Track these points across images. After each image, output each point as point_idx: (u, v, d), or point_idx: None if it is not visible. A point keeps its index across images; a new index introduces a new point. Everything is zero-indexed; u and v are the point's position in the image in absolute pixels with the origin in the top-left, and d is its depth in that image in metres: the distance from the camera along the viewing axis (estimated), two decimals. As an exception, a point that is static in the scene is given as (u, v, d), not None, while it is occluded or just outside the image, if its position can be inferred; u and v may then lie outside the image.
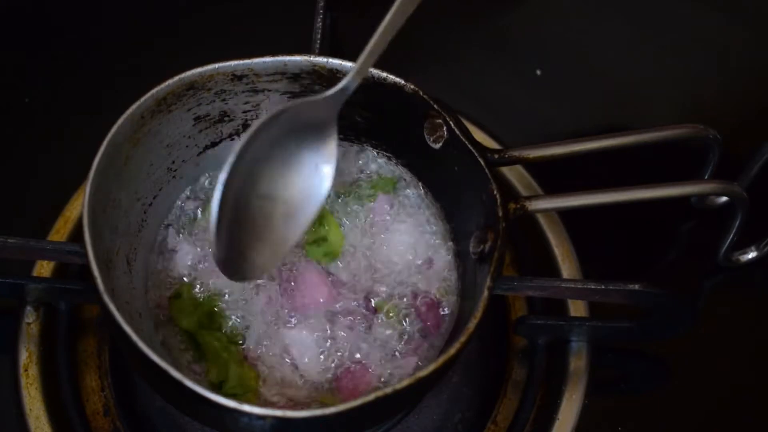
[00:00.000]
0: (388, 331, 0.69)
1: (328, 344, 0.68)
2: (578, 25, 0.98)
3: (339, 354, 0.67)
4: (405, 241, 0.73)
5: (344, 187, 0.74)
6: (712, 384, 0.77)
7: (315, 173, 0.66)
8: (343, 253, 0.72)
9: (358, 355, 0.68)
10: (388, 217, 0.74)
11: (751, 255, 0.81)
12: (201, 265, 0.70)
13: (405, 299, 0.70)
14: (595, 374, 0.75)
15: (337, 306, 0.69)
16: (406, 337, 0.69)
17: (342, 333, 0.68)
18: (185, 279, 0.70)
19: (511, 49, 0.97)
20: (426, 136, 0.69)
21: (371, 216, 0.73)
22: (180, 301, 0.69)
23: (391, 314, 0.69)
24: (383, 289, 0.70)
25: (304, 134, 0.65)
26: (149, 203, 0.70)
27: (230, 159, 0.59)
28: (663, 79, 0.94)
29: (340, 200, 0.74)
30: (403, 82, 0.68)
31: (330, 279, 0.70)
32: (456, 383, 0.75)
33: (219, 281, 0.69)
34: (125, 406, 0.73)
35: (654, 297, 0.65)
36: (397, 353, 0.68)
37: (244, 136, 0.60)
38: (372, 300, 0.69)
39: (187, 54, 0.87)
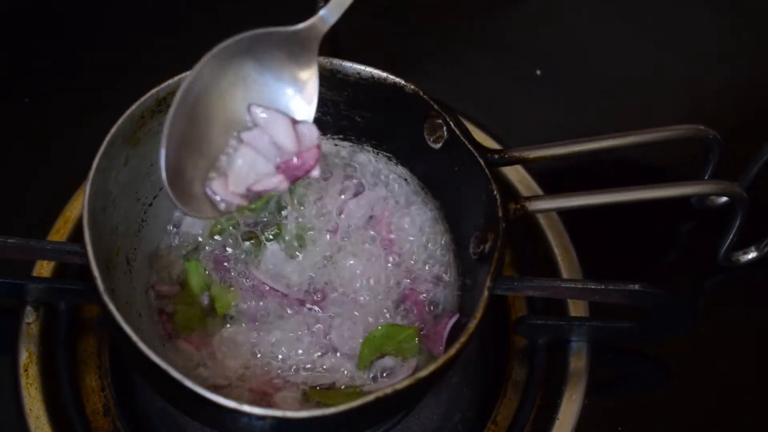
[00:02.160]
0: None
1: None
2: (578, 25, 0.98)
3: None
4: (404, 242, 0.73)
5: None
6: (712, 384, 0.77)
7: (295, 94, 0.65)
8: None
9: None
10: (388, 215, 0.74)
11: (751, 255, 0.81)
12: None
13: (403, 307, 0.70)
14: (595, 374, 0.75)
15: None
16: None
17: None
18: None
19: (511, 49, 0.97)
20: (426, 136, 0.69)
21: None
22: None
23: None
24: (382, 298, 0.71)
25: (277, 70, 0.64)
26: (149, 203, 0.70)
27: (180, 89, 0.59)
28: (663, 79, 0.94)
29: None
30: (403, 82, 0.68)
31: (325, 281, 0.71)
32: (456, 383, 0.75)
33: None
34: (125, 406, 0.73)
35: (654, 297, 0.65)
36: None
37: (200, 62, 0.61)
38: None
39: (187, 54, 0.87)
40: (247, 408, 0.55)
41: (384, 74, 0.68)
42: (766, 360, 0.79)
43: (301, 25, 0.63)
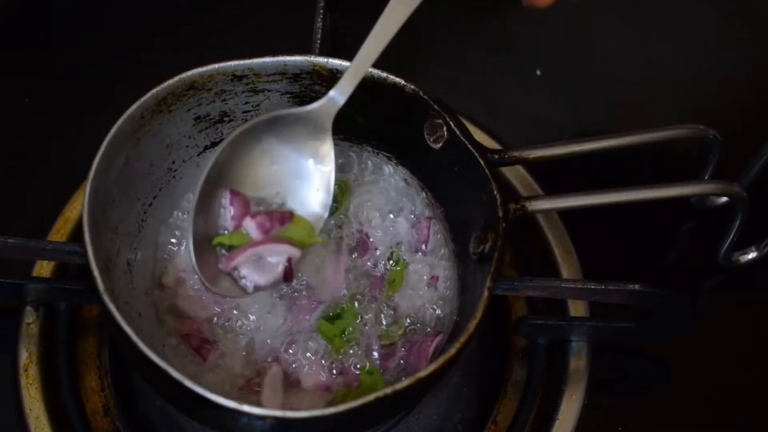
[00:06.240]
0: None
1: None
2: (578, 25, 0.98)
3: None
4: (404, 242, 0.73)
5: None
6: (712, 384, 0.77)
7: (312, 186, 0.69)
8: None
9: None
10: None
11: (751, 255, 0.81)
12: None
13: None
14: (595, 374, 0.75)
15: None
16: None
17: None
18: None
19: (511, 49, 0.97)
20: (426, 137, 0.69)
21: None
22: None
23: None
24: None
25: (296, 145, 0.68)
26: (149, 203, 0.70)
27: (206, 167, 0.64)
28: (663, 79, 0.94)
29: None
30: (403, 82, 0.68)
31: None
32: (456, 383, 0.75)
33: None
34: (125, 406, 0.73)
35: (654, 297, 0.65)
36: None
37: (224, 142, 0.63)
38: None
39: (187, 54, 0.87)
40: (246, 408, 0.55)
41: (384, 74, 0.68)
42: (766, 360, 0.79)
43: (313, 106, 0.66)
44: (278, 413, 0.55)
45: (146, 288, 0.70)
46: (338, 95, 0.66)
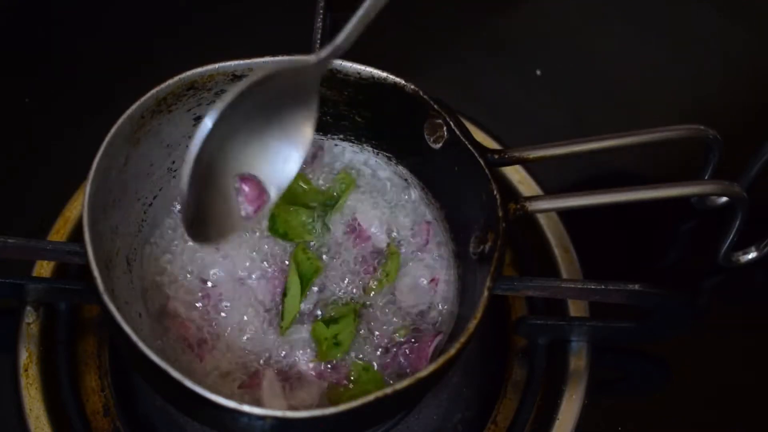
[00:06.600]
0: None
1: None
2: (578, 25, 0.98)
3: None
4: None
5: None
6: (713, 384, 0.77)
7: (290, 146, 0.62)
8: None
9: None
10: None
11: (751, 255, 0.81)
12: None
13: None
14: (595, 374, 0.75)
15: None
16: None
17: None
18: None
19: (511, 49, 0.97)
20: (426, 136, 0.69)
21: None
22: None
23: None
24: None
25: (283, 103, 0.61)
26: (149, 203, 0.70)
27: (207, 125, 0.55)
28: (663, 79, 0.94)
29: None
30: (403, 82, 0.68)
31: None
32: (456, 383, 0.75)
33: None
34: (125, 406, 0.73)
35: (654, 297, 0.65)
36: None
37: (222, 104, 0.55)
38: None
39: (187, 54, 0.87)
40: (246, 408, 0.55)
41: (384, 74, 0.68)
42: (766, 360, 0.79)
43: (314, 58, 0.60)
44: (278, 413, 0.55)
45: (146, 288, 0.70)
46: (344, 42, 0.59)
